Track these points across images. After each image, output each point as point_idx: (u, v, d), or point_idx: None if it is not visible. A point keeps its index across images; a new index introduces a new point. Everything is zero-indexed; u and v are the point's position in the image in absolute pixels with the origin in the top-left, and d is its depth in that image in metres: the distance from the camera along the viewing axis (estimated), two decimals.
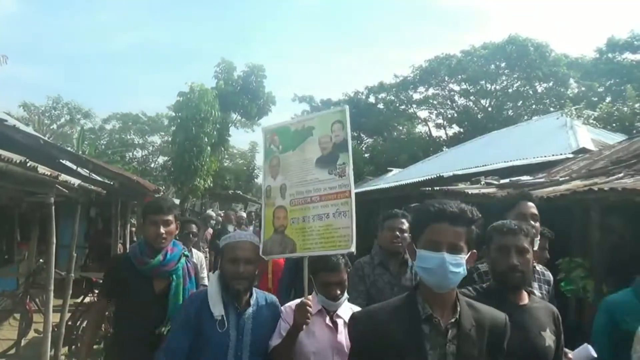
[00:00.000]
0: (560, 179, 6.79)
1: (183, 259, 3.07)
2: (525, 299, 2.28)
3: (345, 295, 2.72)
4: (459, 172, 8.76)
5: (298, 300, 2.62)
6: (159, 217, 2.93)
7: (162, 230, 2.92)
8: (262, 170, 3.02)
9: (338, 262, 2.68)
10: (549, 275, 3.11)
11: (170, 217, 2.99)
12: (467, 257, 1.75)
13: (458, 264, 1.71)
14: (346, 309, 2.70)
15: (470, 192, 6.82)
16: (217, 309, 2.45)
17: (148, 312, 2.83)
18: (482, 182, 7.79)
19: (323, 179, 2.68)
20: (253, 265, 2.55)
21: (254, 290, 2.65)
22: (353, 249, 2.48)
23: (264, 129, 3.07)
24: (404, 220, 3.61)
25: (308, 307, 2.44)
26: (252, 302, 2.58)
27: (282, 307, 2.76)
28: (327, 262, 2.65)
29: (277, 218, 2.81)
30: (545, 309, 2.28)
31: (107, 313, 3.17)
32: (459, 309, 1.78)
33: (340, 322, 2.67)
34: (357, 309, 2.73)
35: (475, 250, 1.80)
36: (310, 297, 2.58)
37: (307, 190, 2.74)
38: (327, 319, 2.67)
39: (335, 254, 2.64)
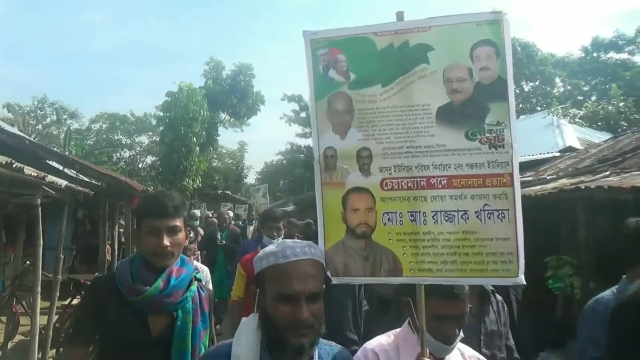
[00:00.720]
0: (548, 177, 6.86)
1: (194, 286, 2.08)
2: None
3: (461, 334, 1.73)
4: None
5: (384, 340, 1.79)
6: (161, 222, 1.95)
7: (166, 241, 1.94)
8: (312, 117, 1.65)
9: (462, 285, 1.68)
10: None
11: (178, 222, 2.01)
12: None
13: None
14: (456, 354, 1.78)
15: None
16: None
17: None
18: None
19: (456, 147, 1.53)
20: (320, 302, 1.44)
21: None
22: (522, 278, 1.50)
23: (311, 38, 1.65)
24: None
25: None
26: None
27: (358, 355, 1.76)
28: (443, 285, 1.65)
29: (352, 210, 1.60)
30: None
31: None
32: None
33: None
34: (469, 350, 1.88)
35: None
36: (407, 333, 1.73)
37: (420, 165, 1.55)
38: None
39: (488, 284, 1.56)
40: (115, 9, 70.98)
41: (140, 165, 39.16)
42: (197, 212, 10.24)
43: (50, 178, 4.68)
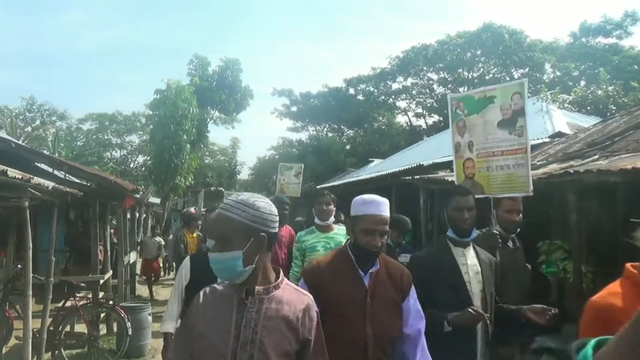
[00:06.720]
0: (538, 163, 6.88)
1: None
2: None
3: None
4: (439, 160, 8.80)
5: None
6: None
7: None
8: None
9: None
10: None
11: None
12: None
13: None
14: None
15: (449, 180, 6.86)
16: None
17: None
18: None
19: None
20: None
21: None
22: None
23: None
24: None
25: None
26: None
27: None
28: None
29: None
30: None
31: None
32: None
33: None
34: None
35: None
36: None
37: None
38: None
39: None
40: (96, 10, 70.32)
41: (132, 165, 38.95)
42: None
43: (37, 180, 4.61)
